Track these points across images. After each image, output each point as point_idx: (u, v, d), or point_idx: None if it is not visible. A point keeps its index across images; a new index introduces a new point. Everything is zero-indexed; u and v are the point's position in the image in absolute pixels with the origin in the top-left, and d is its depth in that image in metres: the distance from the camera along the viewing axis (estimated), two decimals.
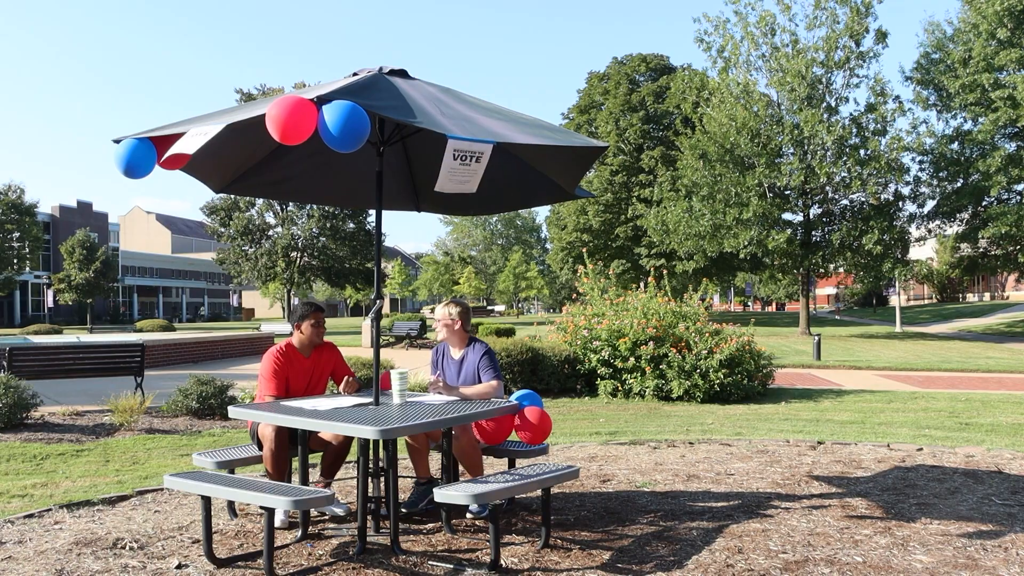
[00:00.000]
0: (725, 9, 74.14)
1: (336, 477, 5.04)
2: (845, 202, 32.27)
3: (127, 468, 6.47)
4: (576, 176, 4.82)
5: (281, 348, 4.84)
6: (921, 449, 7.16)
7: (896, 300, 40.89)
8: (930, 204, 32.92)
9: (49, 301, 52.76)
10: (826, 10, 30.06)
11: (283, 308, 51.19)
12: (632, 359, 11.09)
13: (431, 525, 4.62)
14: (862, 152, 29.46)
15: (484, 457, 5.05)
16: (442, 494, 3.77)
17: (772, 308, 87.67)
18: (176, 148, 3.63)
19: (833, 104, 30.44)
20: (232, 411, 4.31)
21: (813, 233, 32.44)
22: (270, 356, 4.79)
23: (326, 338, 5.06)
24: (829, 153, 29.57)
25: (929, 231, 33.52)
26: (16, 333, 34.59)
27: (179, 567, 3.92)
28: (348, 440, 4.80)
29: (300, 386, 4.87)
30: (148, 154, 3.78)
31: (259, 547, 4.19)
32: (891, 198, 31.95)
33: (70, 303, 52.96)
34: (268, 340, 23.39)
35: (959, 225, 32.95)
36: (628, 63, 48.35)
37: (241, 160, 4.92)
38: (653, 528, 4.58)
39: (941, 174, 31.69)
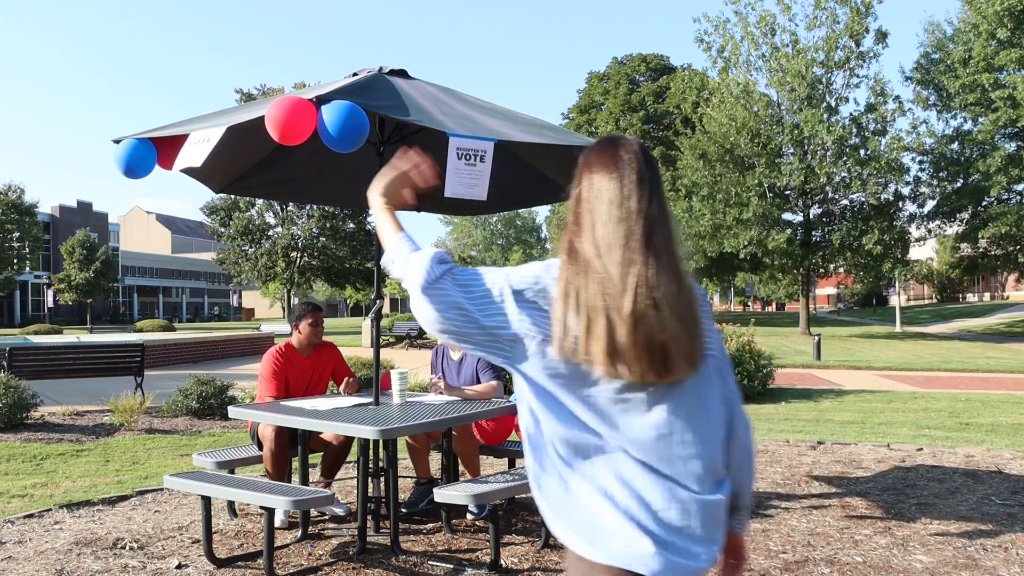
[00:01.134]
0: (725, 9, 74.06)
1: (336, 477, 5.04)
2: (845, 202, 32.27)
3: (127, 468, 6.47)
4: None
5: (280, 348, 4.84)
6: (921, 449, 7.16)
7: (896, 300, 40.89)
8: (930, 204, 32.93)
9: (49, 301, 52.75)
10: (826, 10, 30.06)
11: (283, 308, 51.19)
12: None
13: (431, 525, 4.62)
14: (862, 152, 29.46)
15: (484, 457, 5.05)
16: (442, 494, 3.77)
17: (772, 308, 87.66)
18: (183, 161, 3.60)
19: (833, 104, 30.44)
20: (232, 411, 4.31)
21: (813, 233, 32.44)
22: (269, 356, 4.79)
23: (326, 338, 5.06)
24: (829, 153, 29.56)
25: (929, 231, 33.51)
26: (16, 333, 34.59)
27: (179, 567, 3.92)
28: (348, 440, 4.80)
29: (300, 386, 4.87)
30: (148, 154, 3.78)
31: (259, 547, 4.19)
32: (891, 198, 31.95)
33: (70, 303, 52.95)
34: (268, 340, 23.39)
35: (959, 225, 32.94)
36: (628, 63, 48.35)
37: (241, 161, 4.92)
38: None
39: (941, 174, 31.68)
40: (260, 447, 4.69)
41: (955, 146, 31.39)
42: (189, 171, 4.62)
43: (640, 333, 1.46)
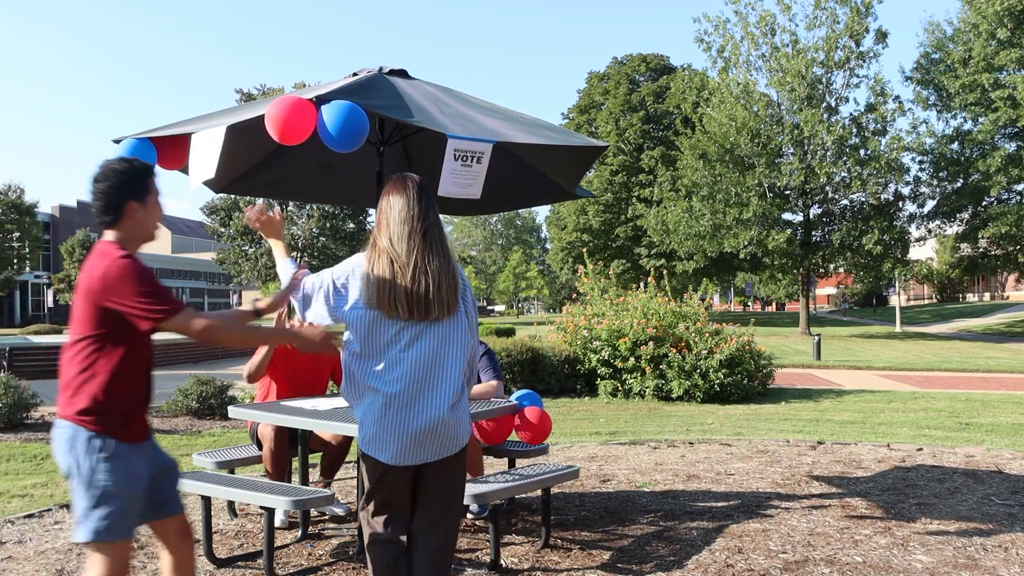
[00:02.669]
0: (725, 9, 74.10)
1: (336, 477, 5.04)
2: (845, 202, 32.27)
3: None
4: (576, 176, 4.82)
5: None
6: (921, 449, 7.16)
7: (896, 300, 40.89)
8: (930, 204, 32.93)
9: (49, 301, 52.73)
10: (826, 10, 30.05)
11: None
12: (632, 359, 11.09)
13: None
14: (862, 152, 29.45)
15: (484, 457, 5.05)
16: None
17: (772, 308, 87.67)
18: (197, 175, 3.57)
19: (833, 104, 30.43)
20: (232, 411, 4.31)
21: (813, 233, 32.44)
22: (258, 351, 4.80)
23: None
24: (829, 153, 29.56)
25: (929, 231, 33.51)
26: (16, 333, 34.58)
27: None
28: (348, 440, 4.80)
29: (299, 385, 4.87)
30: (148, 154, 3.78)
31: (259, 547, 4.19)
32: (891, 198, 31.95)
33: (70, 303, 52.92)
34: None
35: (959, 225, 32.94)
36: (628, 63, 48.32)
37: (241, 160, 4.92)
38: (653, 528, 4.58)
39: (941, 174, 31.69)
40: (260, 447, 4.68)
41: (955, 146, 31.39)
42: (189, 171, 4.62)
43: (414, 289, 2.59)
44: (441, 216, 2.83)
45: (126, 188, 2.57)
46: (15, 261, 46.89)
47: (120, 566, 2.46)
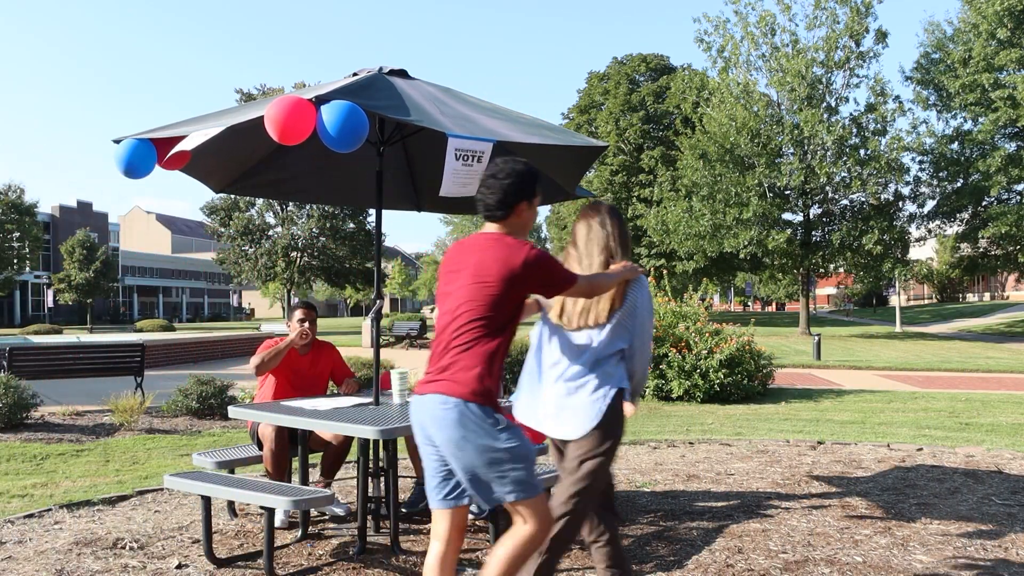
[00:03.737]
0: (725, 9, 74.11)
1: (336, 477, 5.04)
2: (845, 202, 32.24)
3: (127, 468, 6.47)
4: (576, 176, 4.82)
5: (276, 341, 4.85)
6: (921, 449, 7.16)
7: (896, 300, 40.88)
8: (930, 204, 32.90)
9: (49, 301, 52.73)
10: (826, 10, 30.03)
11: (283, 308, 51.18)
12: None
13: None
14: (862, 152, 29.43)
15: None
16: None
17: (772, 308, 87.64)
18: (176, 147, 3.63)
19: (833, 104, 30.41)
20: (232, 411, 4.31)
21: (813, 233, 32.42)
22: (264, 346, 4.82)
23: (326, 339, 5.06)
24: (829, 153, 29.54)
25: (929, 231, 33.48)
26: (16, 333, 34.58)
27: (179, 567, 3.92)
28: (348, 440, 4.80)
29: (298, 385, 4.87)
30: (148, 154, 3.78)
31: (259, 547, 4.19)
32: (891, 198, 31.92)
33: (70, 303, 52.91)
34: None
35: (959, 225, 32.91)
36: (628, 63, 48.30)
37: (241, 160, 4.92)
38: (653, 528, 4.58)
39: (941, 174, 31.66)
40: (260, 447, 4.68)
41: (955, 146, 31.36)
42: (189, 171, 4.62)
43: (583, 304, 3.05)
44: (441, 216, 2.90)
45: (524, 189, 2.78)
46: (15, 261, 46.85)
47: (549, 514, 2.69)
